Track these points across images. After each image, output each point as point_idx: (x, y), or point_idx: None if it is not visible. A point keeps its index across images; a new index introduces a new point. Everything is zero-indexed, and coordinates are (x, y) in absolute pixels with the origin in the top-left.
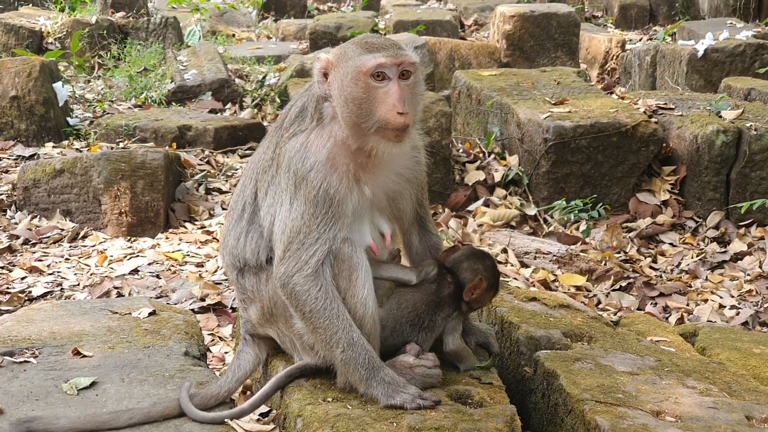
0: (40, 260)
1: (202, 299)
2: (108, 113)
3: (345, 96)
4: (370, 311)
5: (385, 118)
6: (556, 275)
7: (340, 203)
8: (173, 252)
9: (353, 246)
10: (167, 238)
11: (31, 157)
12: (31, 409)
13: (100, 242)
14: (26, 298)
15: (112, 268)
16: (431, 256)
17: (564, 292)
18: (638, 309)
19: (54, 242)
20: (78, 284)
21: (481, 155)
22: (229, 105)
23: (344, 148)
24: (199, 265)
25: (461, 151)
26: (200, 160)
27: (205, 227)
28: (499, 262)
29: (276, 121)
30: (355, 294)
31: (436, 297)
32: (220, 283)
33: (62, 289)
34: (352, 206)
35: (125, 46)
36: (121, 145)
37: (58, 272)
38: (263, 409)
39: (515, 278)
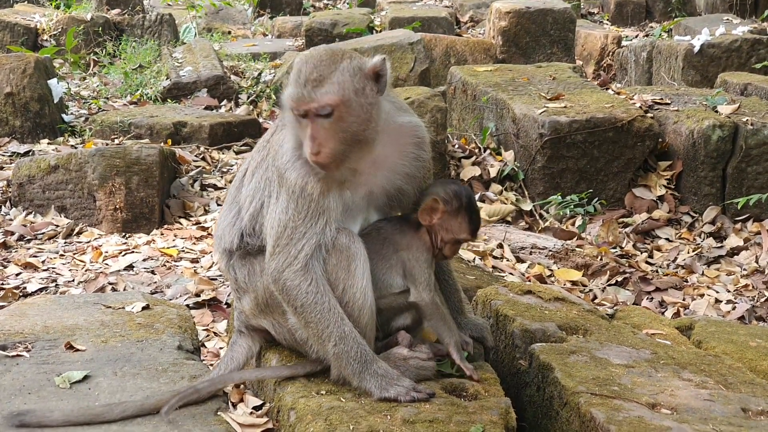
0: (35, 256)
1: (197, 295)
2: (103, 110)
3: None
4: (369, 301)
5: (306, 152)
6: (551, 270)
7: (321, 199)
8: (168, 248)
9: (350, 236)
10: (162, 234)
11: (26, 153)
12: (23, 403)
13: (95, 238)
14: (21, 294)
15: (106, 264)
16: None
17: (560, 287)
18: (634, 304)
19: (49, 238)
20: (73, 280)
21: (476, 151)
22: (224, 102)
23: None
24: (194, 260)
25: (457, 146)
26: (195, 156)
27: (200, 223)
28: (495, 258)
29: None
30: (354, 284)
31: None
32: (215, 279)
33: (57, 285)
34: (339, 202)
35: (120, 43)
36: (116, 141)
37: (53, 268)
38: (256, 401)
39: (511, 273)
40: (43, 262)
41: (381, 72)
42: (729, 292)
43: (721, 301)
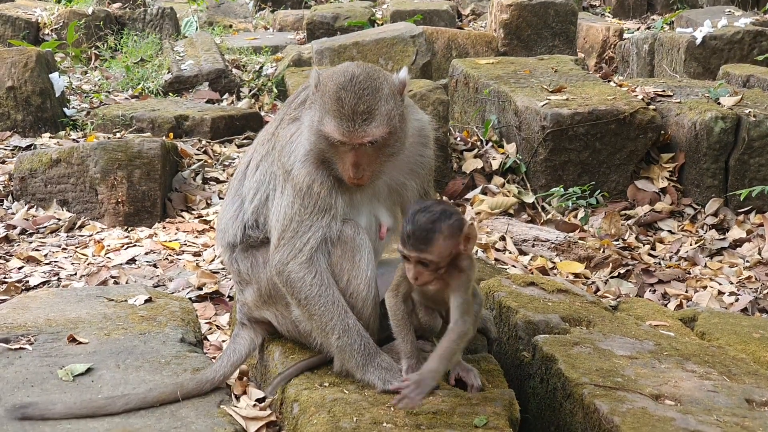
0: (37, 250)
1: (200, 288)
2: (105, 104)
3: (309, 133)
4: (373, 293)
5: (341, 173)
6: (554, 263)
7: (328, 197)
8: (170, 241)
9: (356, 227)
10: (164, 227)
11: (28, 147)
12: (26, 396)
13: (97, 232)
14: (23, 288)
15: (109, 258)
16: None
17: (563, 279)
18: (637, 296)
19: (51, 232)
20: (75, 274)
21: (478, 143)
22: (226, 95)
23: None
24: (196, 254)
25: (459, 139)
26: (197, 149)
27: (202, 216)
28: (498, 250)
29: (289, 97)
30: (358, 275)
31: None
32: (218, 272)
33: (59, 278)
34: (345, 200)
35: (122, 37)
36: (118, 135)
37: (55, 262)
38: (259, 394)
39: (513, 266)
40: (45, 255)
41: (406, 84)
42: (732, 284)
43: (724, 293)
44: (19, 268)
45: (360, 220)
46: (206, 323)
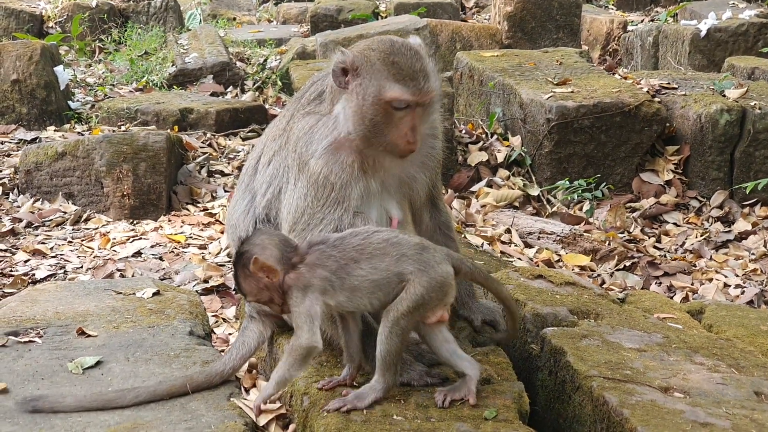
0: (43, 243)
1: (206, 281)
2: (109, 97)
3: (362, 111)
4: None
5: (395, 142)
6: (560, 255)
7: (343, 189)
8: (176, 234)
9: (367, 220)
10: (170, 220)
11: (33, 140)
12: (36, 388)
13: (103, 225)
14: (29, 281)
15: (114, 251)
16: (441, 233)
17: (570, 272)
18: (642, 288)
19: (57, 225)
20: (81, 267)
21: (483, 136)
22: (230, 88)
23: (349, 142)
24: (202, 247)
25: (464, 132)
26: (202, 142)
27: (207, 209)
28: (503, 243)
29: (297, 92)
30: None
31: None
32: (223, 265)
33: (65, 271)
34: (359, 192)
35: (126, 30)
36: (123, 128)
37: (61, 255)
38: None
39: (519, 258)
40: (51, 248)
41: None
42: (737, 276)
43: (730, 286)
44: (26, 261)
45: (371, 214)
46: (212, 316)
